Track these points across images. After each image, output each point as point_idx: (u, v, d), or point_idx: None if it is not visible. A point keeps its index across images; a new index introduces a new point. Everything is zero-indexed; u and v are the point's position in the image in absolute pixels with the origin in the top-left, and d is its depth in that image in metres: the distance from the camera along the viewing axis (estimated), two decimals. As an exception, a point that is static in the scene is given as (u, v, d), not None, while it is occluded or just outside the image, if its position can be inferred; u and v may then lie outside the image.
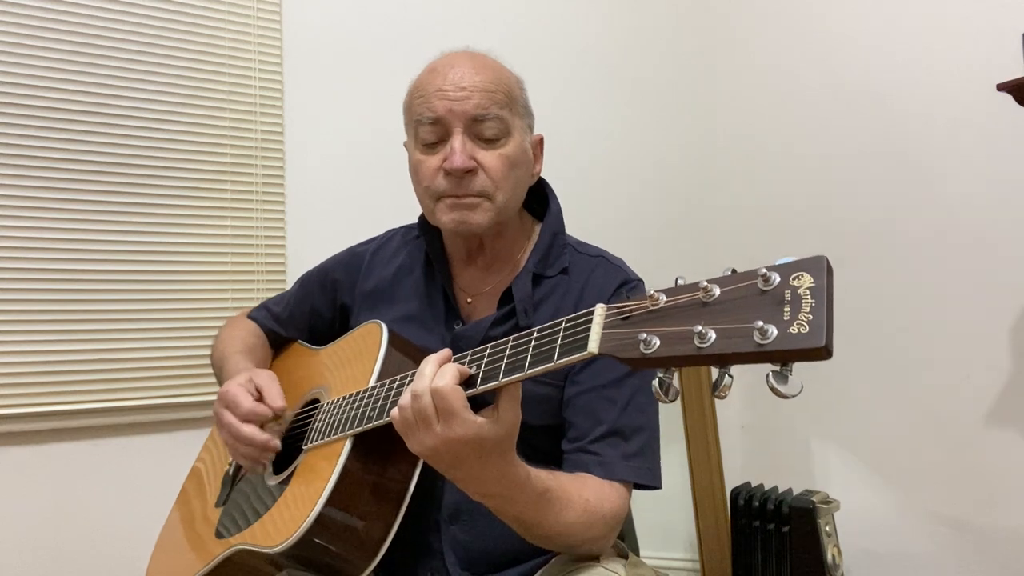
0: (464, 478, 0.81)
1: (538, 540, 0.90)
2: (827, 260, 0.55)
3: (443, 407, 0.75)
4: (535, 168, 1.11)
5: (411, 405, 0.78)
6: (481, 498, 0.84)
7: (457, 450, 0.77)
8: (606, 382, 1.00)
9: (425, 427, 0.77)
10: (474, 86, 1.01)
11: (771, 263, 0.58)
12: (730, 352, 0.56)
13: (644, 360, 0.61)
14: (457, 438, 0.76)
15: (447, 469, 0.81)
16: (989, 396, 1.77)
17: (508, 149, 1.03)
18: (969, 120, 1.79)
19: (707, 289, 0.59)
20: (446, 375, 0.76)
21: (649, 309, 0.63)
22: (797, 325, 0.53)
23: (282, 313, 1.29)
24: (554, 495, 0.86)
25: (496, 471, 0.80)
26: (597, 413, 0.98)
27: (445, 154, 1.01)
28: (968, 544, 1.81)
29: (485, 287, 1.11)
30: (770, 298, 0.56)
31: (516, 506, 0.84)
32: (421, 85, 1.05)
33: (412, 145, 1.07)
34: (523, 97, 1.08)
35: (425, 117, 1.02)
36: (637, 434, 0.99)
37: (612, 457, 0.96)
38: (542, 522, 0.86)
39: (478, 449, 0.77)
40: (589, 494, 0.91)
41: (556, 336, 0.71)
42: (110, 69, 1.63)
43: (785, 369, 0.56)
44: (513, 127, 1.04)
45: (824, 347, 0.52)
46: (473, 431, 0.76)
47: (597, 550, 0.97)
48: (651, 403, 1.02)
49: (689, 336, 0.58)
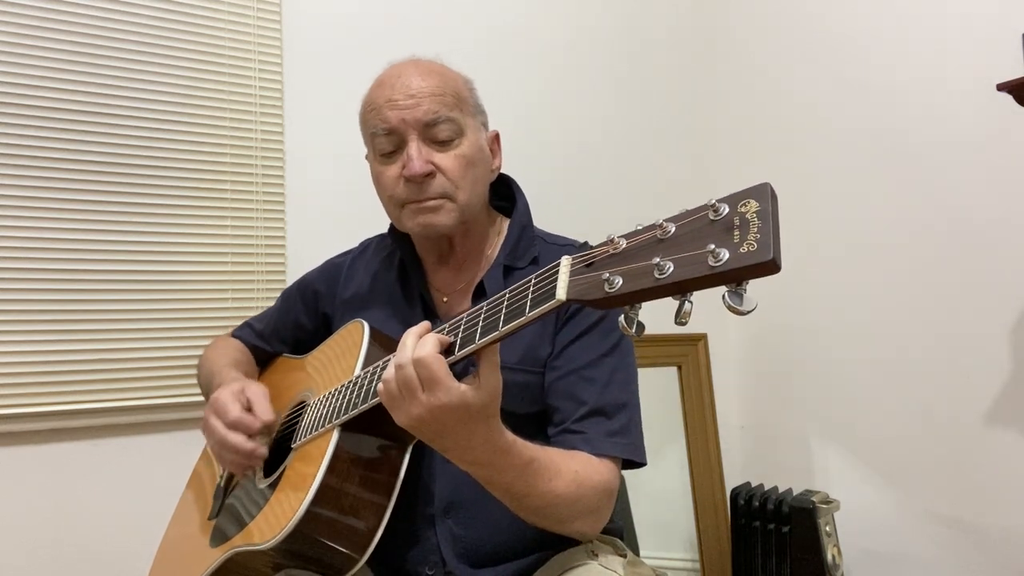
0: (451, 447, 0.83)
1: (530, 514, 0.91)
2: (770, 186, 0.60)
3: (426, 376, 0.77)
4: (494, 164, 1.14)
5: (395, 377, 0.80)
6: (469, 467, 0.85)
7: (443, 418, 0.78)
8: (583, 364, 1.02)
9: (410, 397, 0.79)
10: (422, 92, 1.04)
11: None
12: (687, 278, 0.60)
13: (609, 299, 0.64)
14: (442, 405, 0.77)
15: (433, 438, 0.82)
16: (989, 396, 1.77)
17: (463, 149, 1.06)
18: (969, 120, 1.79)
19: (663, 227, 0.64)
20: (427, 345, 0.78)
21: (610, 253, 0.67)
22: (747, 245, 0.57)
23: (265, 329, 1.31)
24: (541, 464, 0.88)
25: (481, 437, 0.81)
26: (578, 395, 1.00)
27: (403, 161, 1.04)
28: (968, 544, 1.81)
29: (459, 284, 1.13)
30: (721, 225, 0.60)
31: (505, 475, 0.86)
32: (372, 99, 1.08)
33: (371, 157, 1.11)
34: (473, 96, 1.11)
35: (379, 128, 1.05)
36: (620, 411, 1.01)
37: (597, 434, 0.98)
38: (531, 492, 0.87)
39: (463, 415, 0.78)
40: (577, 465, 0.93)
41: (526, 292, 0.74)
42: (110, 69, 1.62)
43: (740, 288, 0.58)
44: (466, 127, 1.06)
45: (772, 260, 0.55)
46: (457, 397, 0.77)
47: (590, 529, 0.98)
48: (631, 380, 1.05)
49: (649, 270, 0.62)
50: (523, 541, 1.02)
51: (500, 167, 1.15)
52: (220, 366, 1.22)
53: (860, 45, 2.03)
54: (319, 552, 0.92)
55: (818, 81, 2.13)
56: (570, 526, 0.95)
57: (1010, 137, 1.72)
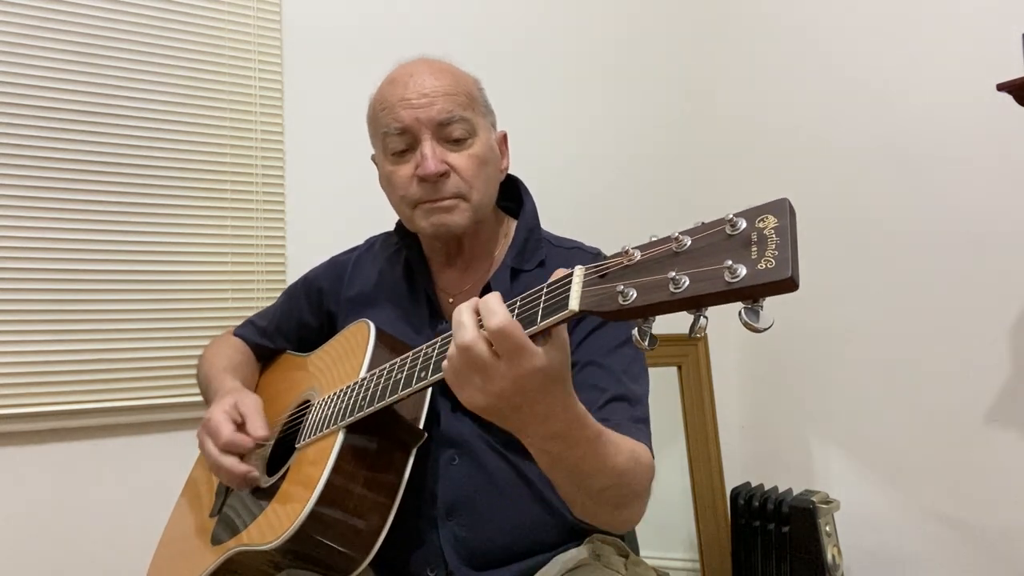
0: (531, 419, 0.76)
1: (590, 498, 0.86)
2: (789, 201, 0.59)
3: (509, 345, 0.70)
4: (503, 164, 1.13)
5: (463, 358, 0.73)
6: (545, 441, 0.79)
7: (527, 386, 0.72)
8: (600, 354, 1.01)
9: (488, 373, 0.72)
10: (436, 91, 1.03)
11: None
12: (703, 293, 0.59)
13: (623, 311, 0.64)
14: (527, 373, 0.71)
15: (511, 414, 0.75)
16: (989, 396, 1.77)
17: (476, 148, 1.05)
18: (969, 120, 1.79)
19: (678, 240, 0.62)
20: (497, 312, 0.71)
21: (625, 265, 0.66)
22: (764, 262, 0.56)
23: (268, 326, 1.31)
24: (608, 437, 0.83)
25: (561, 403, 0.76)
26: (598, 383, 0.98)
27: (416, 161, 1.03)
28: (968, 544, 1.81)
29: (465, 286, 1.12)
30: (738, 241, 0.59)
31: (578, 448, 0.80)
32: (383, 97, 1.06)
33: (381, 157, 1.09)
34: (482, 96, 1.10)
35: (392, 128, 1.03)
36: (639, 402, 1.00)
37: (623, 419, 0.94)
38: (600, 469, 0.82)
39: (546, 380, 0.73)
40: (630, 442, 0.89)
41: (538, 300, 0.72)
42: (110, 69, 1.63)
43: (756, 305, 0.58)
44: (478, 126, 1.06)
45: (790, 278, 0.55)
46: (542, 360, 0.71)
47: (638, 516, 0.94)
48: (644, 373, 1.04)
49: (664, 284, 0.61)
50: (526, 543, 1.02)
51: (508, 167, 1.15)
52: (218, 370, 1.21)
53: (860, 45, 2.03)
54: (322, 553, 0.92)
55: (818, 81, 2.13)
56: (622, 513, 0.91)
57: (1010, 137, 1.72)
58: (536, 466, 0.85)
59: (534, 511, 1.02)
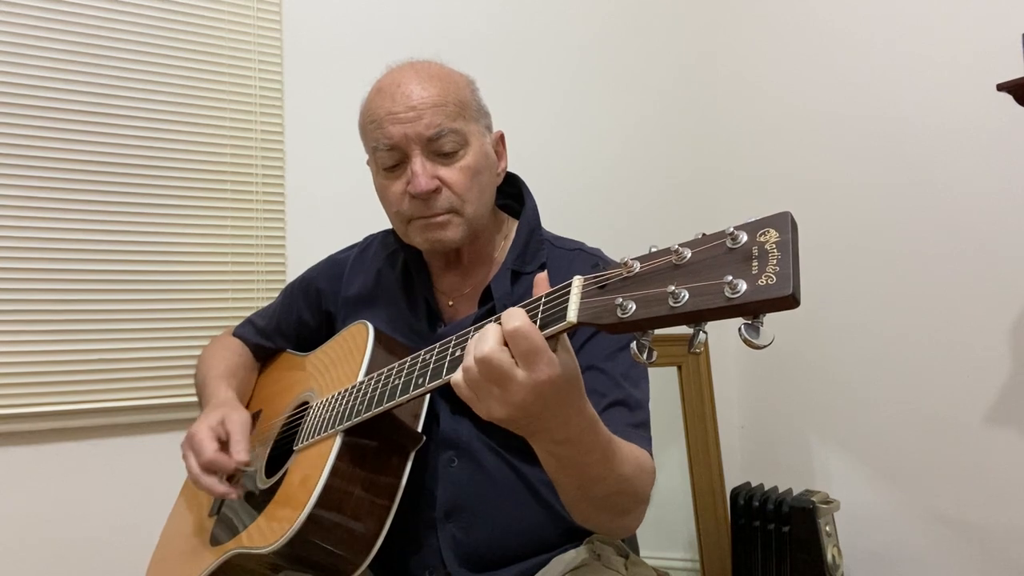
0: (551, 426, 0.75)
1: (594, 504, 0.86)
2: (791, 215, 0.58)
3: (526, 348, 0.68)
4: (500, 166, 1.11)
5: (481, 370, 0.71)
6: (558, 446, 0.78)
7: (547, 393, 0.70)
8: (599, 358, 1.00)
9: (506, 384, 0.70)
10: (423, 103, 1.00)
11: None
12: (703, 308, 0.58)
13: (622, 324, 0.63)
14: (546, 379, 0.70)
15: (531, 421, 0.74)
16: (989, 396, 1.77)
17: (469, 159, 1.03)
18: (969, 120, 1.79)
19: (678, 252, 0.62)
20: (516, 316, 0.69)
21: (624, 276, 0.65)
22: (765, 277, 0.56)
23: (267, 326, 1.30)
24: (616, 443, 0.83)
25: (577, 407, 0.75)
26: (597, 388, 0.98)
27: (407, 177, 1.01)
28: (969, 543, 1.81)
29: (465, 288, 1.12)
30: (739, 255, 0.58)
31: (590, 454, 0.79)
32: (371, 110, 1.04)
33: (373, 168, 1.08)
34: (475, 99, 1.07)
35: (381, 144, 1.02)
36: (639, 408, 0.99)
37: (621, 425, 0.94)
38: (608, 475, 0.82)
39: (565, 385, 0.72)
40: (635, 449, 0.89)
41: (536, 310, 0.72)
42: (110, 69, 1.62)
43: (756, 321, 0.57)
44: (470, 135, 1.03)
45: (791, 295, 0.54)
46: (560, 364, 0.70)
47: (637, 522, 0.94)
48: (644, 378, 1.03)
49: (663, 297, 0.60)
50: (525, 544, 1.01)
51: (506, 167, 1.13)
52: (213, 376, 1.21)
53: (860, 45, 2.03)
54: (321, 556, 0.92)
55: (818, 81, 2.13)
56: (623, 520, 0.91)
57: (1010, 137, 1.72)
58: (535, 467, 0.85)
59: (533, 512, 1.02)
